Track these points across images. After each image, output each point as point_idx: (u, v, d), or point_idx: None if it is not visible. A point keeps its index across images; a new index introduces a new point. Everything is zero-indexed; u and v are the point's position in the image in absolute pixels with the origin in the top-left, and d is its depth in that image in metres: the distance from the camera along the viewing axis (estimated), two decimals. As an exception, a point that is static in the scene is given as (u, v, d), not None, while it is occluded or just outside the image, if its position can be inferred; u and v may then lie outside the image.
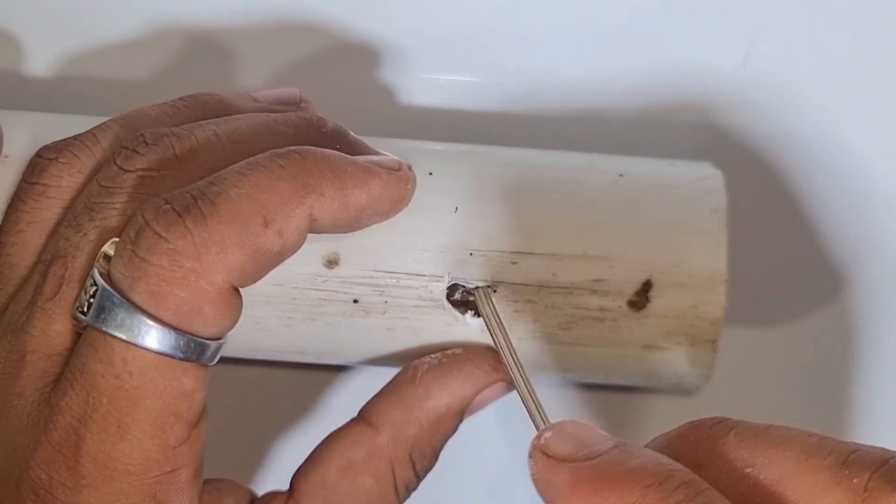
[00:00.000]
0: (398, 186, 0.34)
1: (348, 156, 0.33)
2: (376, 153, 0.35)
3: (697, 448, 0.26)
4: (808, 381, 0.44)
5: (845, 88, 0.43)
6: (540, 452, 0.27)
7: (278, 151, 0.32)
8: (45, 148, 0.35)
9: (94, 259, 0.32)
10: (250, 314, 0.36)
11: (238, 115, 0.35)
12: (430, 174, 0.37)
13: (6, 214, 0.35)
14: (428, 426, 0.36)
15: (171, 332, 0.30)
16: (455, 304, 0.36)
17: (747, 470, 0.25)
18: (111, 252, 0.32)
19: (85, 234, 0.32)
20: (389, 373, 0.37)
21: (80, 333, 0.32)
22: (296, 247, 0.32)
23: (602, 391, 0.41)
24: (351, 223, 0.33)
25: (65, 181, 0.34)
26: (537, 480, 0.27)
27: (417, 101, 0.43)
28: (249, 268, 0.31)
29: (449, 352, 0.36)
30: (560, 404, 0.38)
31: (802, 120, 0.43)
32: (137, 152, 0.33)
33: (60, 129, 0.36)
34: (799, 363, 0.44)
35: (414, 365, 0.36)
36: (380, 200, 0.33)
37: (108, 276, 0.31)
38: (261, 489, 0.37)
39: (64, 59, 0.43)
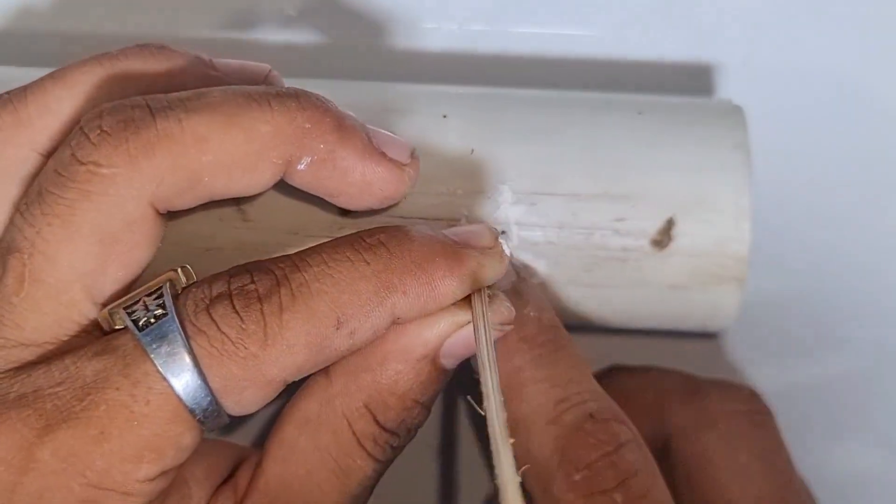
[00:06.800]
0: (500, 263, 0.33)
1: (439, 238, 0.32)
2: (391, 136, 0.34)
3: None
4: (831, 327, 0.43)
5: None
6: None
7: (367, 241, 0.32)
8: None
9: (53, 261, 0.31)
10: (266, 264, 0.35)
11: (207, 97, 0.32)
12: (445, 116, 0.36)
13: None
14: (385, 373, 0.32)
15: (208, 394, 0.30)
16: None
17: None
18: (182, 277, 0.32)
19: (38, 231, 0.31)
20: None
21: (87, 331, 0.31)
22: (370, 341, 0.32)
23: (627, 336, 0.41)
24: (439, 307, 0.32)
25: None
26: None
27: (432, 48, 0.43)
28: (308, 366, 0.31)
29: None
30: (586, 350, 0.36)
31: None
32: (90, 141, 0.31)
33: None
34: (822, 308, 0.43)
35: None
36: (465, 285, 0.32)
37: (174, 302, 0.31)
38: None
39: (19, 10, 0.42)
